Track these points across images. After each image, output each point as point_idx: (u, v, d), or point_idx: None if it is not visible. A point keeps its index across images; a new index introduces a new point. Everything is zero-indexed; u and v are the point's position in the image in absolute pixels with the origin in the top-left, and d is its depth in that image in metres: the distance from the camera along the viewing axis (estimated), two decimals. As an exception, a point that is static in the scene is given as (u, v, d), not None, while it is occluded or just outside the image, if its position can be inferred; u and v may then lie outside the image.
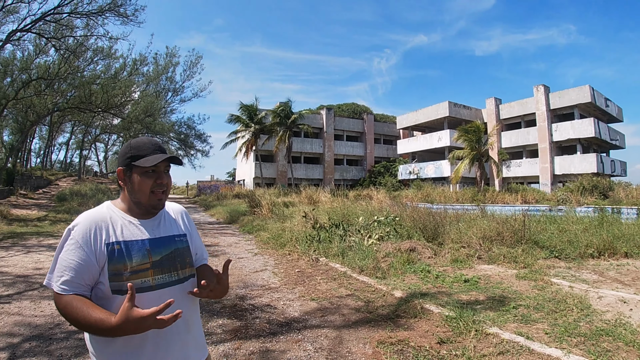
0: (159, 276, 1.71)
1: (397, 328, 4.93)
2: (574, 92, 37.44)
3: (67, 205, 24.14)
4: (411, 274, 7.75)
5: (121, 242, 1.68)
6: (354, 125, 55.89)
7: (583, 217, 12.07)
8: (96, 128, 50.17)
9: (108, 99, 30.34)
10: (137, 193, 1.76)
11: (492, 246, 9.33)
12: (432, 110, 46.83)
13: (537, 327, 4.74)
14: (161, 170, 1.78)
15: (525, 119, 42.04)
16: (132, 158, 1.75)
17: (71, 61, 27.19)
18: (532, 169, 39.75)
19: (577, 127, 36.59)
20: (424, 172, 45.27)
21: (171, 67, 43.44)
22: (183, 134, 50.82)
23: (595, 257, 8.77)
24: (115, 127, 48.35)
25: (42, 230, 15.83)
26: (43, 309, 5.88)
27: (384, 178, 47.72)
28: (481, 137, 32.59)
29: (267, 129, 43.23)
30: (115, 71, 32.91)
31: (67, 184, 34.66)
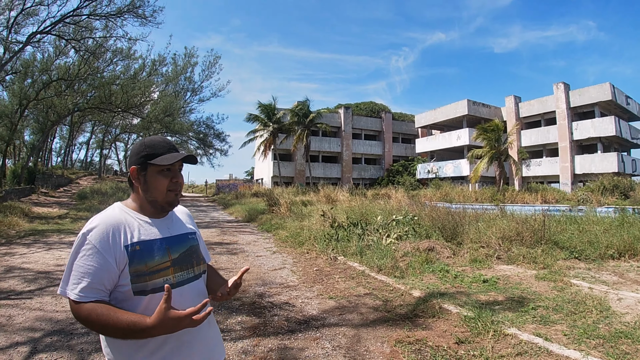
0: (179, 274, 1.73)
1: (415, 327, 4.94)
2: (594, 90, 37.00)
3: (87, 203, 24.41)
4: (429, 274, 7.74)
5: (140, 243, 1.68)
6: (372, 124, 55.77)
7: (603, 217, 11.94)
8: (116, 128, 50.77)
9: (128, 99, 30.67)
10: (153, 191, 1.77)
11: (512, 246, 9.27)
12: (451, 109, 46.57)
13: (556, 329, 4.72)
14: (176, 169, 1.80)
15: (545, 117, 41.65)
16: (147, 157, 1.76)
17: (91, 62, 27.54)
18: (552, 168, 39.36)
19: (597, 126, 36.17)
20: (442, 171, 45.05)
21: (190, 68, 43.77)
22: (202, 133, 51.14)
23: (616, 258, 8.68)
24: (135, 127, 48.78)
25: (63, 227, 16.04)
26: (64, 304, 5.97)
27: (402, 177, 47.59)
28: (500, 136, 32.34)
29: (285, 128, 43.34)
30: (134, 72, 33.20)
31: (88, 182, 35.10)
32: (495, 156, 32.18)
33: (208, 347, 1.81)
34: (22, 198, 24.69)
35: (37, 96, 27.38)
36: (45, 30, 24.68)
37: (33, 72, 28.03)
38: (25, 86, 28.08)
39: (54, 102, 30.63)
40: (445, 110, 47.59)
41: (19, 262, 9.35)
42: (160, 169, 1.75)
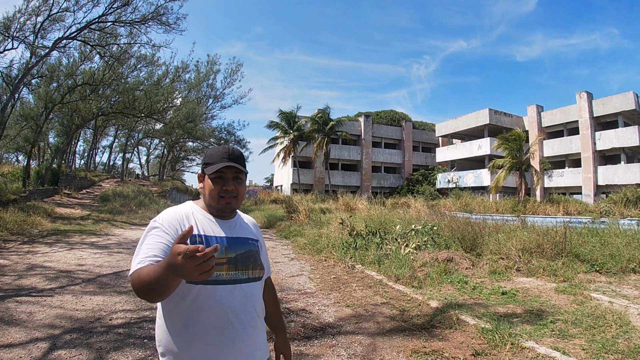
0: (233, 272, 1.79)
1: (431, 338, 4.93)
2: (618, 99, 36.53)
3: (109, 205, 24.74)
4: (448, 285, 7.71)
5: (202, 236, 1.78)
6: (392, 133, 55.63)
7: (626, 230, 11.78)
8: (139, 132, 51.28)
9: (151, 104, 31.00)
10: (208, 196, 1.89)
11: (532, 258, 9.19)
12: (472, 118, 46.33)
13: (574, 343, 4.68)
14: (228, 177, 1.86)
15: (568, 127, 41.22)
16: (205, 165, 1.89)
17: (115, 68, 27.96)
18: (575, 179, 38.89)
19: (621, 136, 35.69)
20: (463, 181, 44.79)
21: (212, 75, 44.18)
22: (223, 139, 51.45)
23: (637, 272, 8.56)
24: (157, 132, 49.25)
25: (85, 228, 16.28)
26: (84, 303, 6.09)
27: (422, 186, 47.35)
28: (522, 146, 32.05)
29: (305, 136, 43.49)
30: (157, 78, 33.61)
31: (110, 185, 35.46)
32: (517, 166, 31.89)
33: (250, 347, 1.84)
34: (46, 198, 25.05)
35: (62, 100, 27.76)
36: (71, 36, 25.07)
37: (58, 77, 28.44)
38: (51, 90, 28.52)
39: (78, 106, 31.03)
40: (466, 119, 47.37)
41: (41, 260, 9.53)
42: (212, 177, 1.85)
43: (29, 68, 25.36)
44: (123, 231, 16.58)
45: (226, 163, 1.84)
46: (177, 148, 58.19)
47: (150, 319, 5.50)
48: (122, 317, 5.53)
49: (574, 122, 39.96)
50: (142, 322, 5.36)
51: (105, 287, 7.23)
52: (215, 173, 1.84)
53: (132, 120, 38.63)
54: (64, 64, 29.19)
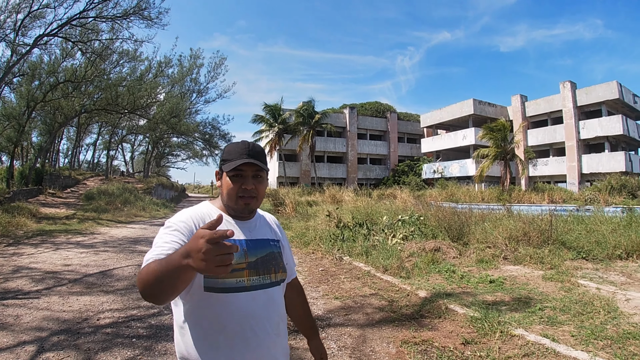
0: (254, 277, 1.68)
1: (421, 328, 4.92)
2: (601, 89, 36.83)
3: (94, 204, 24.47)
4: (435, 274, 7.73)
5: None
6: (377, 124, 55.67)
7: (611, 217, 11.87)
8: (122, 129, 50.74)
9: (134, 100, 30.76)
10: (225, 196, 1.76)
11: (518, 246, 9.24)
12: (457, 108, 46.47)
13: (563, 330, 4.69)
14: (247, 175, 1.73)
15: (552, 116, 41.46)
16: (222, 162, 1.76)
17: (97, 64, 27.62)
18: (559, 167, 39.19)
19: (604, 125, 35.98)
20: (448, 171, 44.95)
21: (195, 69, 43.86)
22: (208, 134, 51.18)
23: (624, 258, 8.63)
24: (142, 128, 48.81)
25: (71, 228, 16.12)
26: (71, 304, 6.01)
27: (408, 177, 47.52)
28: (507, 135, 32.19)
29: (290, 129, 43.37)
30: (140, 73, 33.29)
31: (95, 183, 35.07)
32: (501, 156, 32.05)
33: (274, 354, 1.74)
34: (30, 199, 24.74)
35: (45, 98, 27.43)
36: (52, 33, 24.72)
37: (40, 75, 28.10)
38: (33, 88, 28.15)
39: (61, 103, 30.66)
40: (450, 110, 47.50)
41: (27, 262, 9.41)
42: (231, 174, 1.73)
43: (10, 66, 24.98)
44: (109, 229, 16.42)
45: (245, 160, 1.71)
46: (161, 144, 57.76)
47: (137, 318, 5.45)
48: (109, 317, 5.47)
49: (557, 112, 40.20)
50: (129, 321, 5.30)
51: (92, 287, 7.15)
52: (233, 171, 1.71)
53: (115, 116, 38.35)
54: (46, 62, 28.81)
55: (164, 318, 5.40)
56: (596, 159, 36.67)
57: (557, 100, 40.18)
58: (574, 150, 37.66)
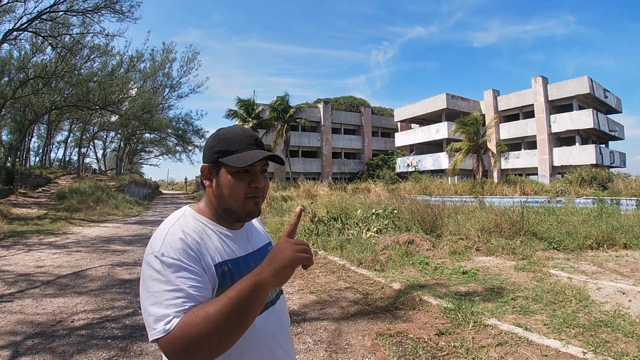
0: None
1: (395, 320, 4.93)
2: (573, 83, 37.33)
3: (66, 203, 24.10)
4: (409, 266, 7.76)
5: (228, 262, 1.35)
6: (352, 119, 55.71)
7: (582, 208, 12.06)
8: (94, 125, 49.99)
9: (105, 96, 30.25)
10: (227, 198, 1.40)
11: (491, 238, 9.33)
12: (430, 103, 46.69)
13: (536, 318, 4.74)
14: (257, 171, 1.42)
15: (524, 110, 41.93)
16: (221, 153, 1.40)
17: (68, 59, 27.13)
18: (531, 160, 39.67)
19: (575, 119, 36.49)
20: (422, 164, 45.21)
21: (168, 64, 43.51)
22: (181, 129, 50.83)
23: (594, 248, 8.77)
24: (113, 124, 48.09)
25: (43, 228, 15.84)
26: (45, 306, 5.90)
27: (382, 171, 47.64)
28: (479, 129, 32.52)
29: (264, 124, 43.16)
30: (112, 68, 32.73)
31: (66, 181, 34.49)
32: (474, 149, 32.36)
33: None
34: (1, 199, 24.30)
35: (14, 94, 26.83)
36: (22, 27, 24.19)
37: (10, 70, 27.50)
38: (2, 85, 27.51)
39: (31, 100, 30.03)
40: (424, 104, 47.71)
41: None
42: (235, 170, 1.38)
43: (-22, 63, 24.50)
44: (81, 229, 16.17)
45: (264, 153, 1.41)
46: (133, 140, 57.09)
47: (112, 319, 5.36)
48: (83, 318, 5.37)
49: (529, 106, 40.64)
50: (104, 322, 5.22)
51: (65, 288, 7.02)
52: (242, 167, 1.36)
53: (86, 113, 37.67)
54: (15, 57, 28.24)
55: (138, 318, 5.33)
56: (567, 152, 37.19)
57: (528, 94, 40.61)
58: (545, 144, 38.13)
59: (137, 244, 11.96)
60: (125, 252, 10.72)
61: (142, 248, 11.16)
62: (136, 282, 7.28)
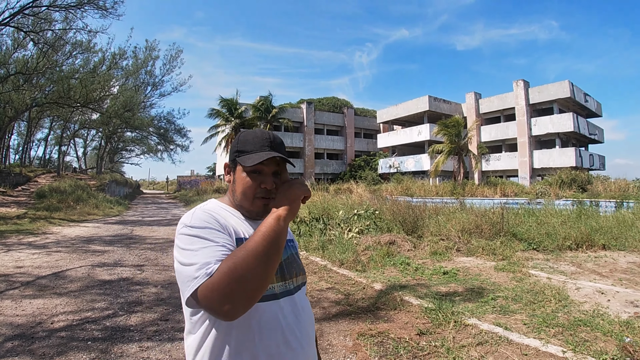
0: (280, 283, 1.48)
1: (377, 320, 4.93)
2: (554, 87, 37.72)
3: (46, 202, 23.78)
4: (391, 267, 7.77)
5: (244, 239, 1.41)
6: (335, 119, 55.77)
7: (561, 210, 12.19)
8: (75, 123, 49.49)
9: (87, 93, 29.91)
10: (239, 195, 1.51)
11: (471, 239, 9.41)
12: (412, 105, 46.84)
13: (516, 318, 4.77)
14: (268, 172, 1.48)
15: (505, 113, 42.29)
16: (237, 153, 1.52)
17: (50, 55, 26.79)
18: (511, 162, 40.01)
19: (556, 122, 36.89)
20: (404, 165, 45.36)
21: (151, 61, 43.16)
22: (162, 128, 50.49)
23: (573, 249, 8.88)
24: (94, 122, 47.67)
25: (22, 228, 15.61)
26: (24, 307, 5.80)
27: (364, 172, 47.72)
28: (461, 131, 32.75)
29: (247, 123, 43.04)
30: (94, 65, 32.35)
31: (47, 180, 34.09)
32: (455, 151, 32.58)
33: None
34: (-22, 198, 23.96)
35: (-5, 91, 26.56)
36: (4, 22, 23.86)
37: (-10, 66, 27.16)
38: (-18, 80, 27.22)
39: (11, 97, 29.62)
40: (406, 106, 47.87)
41: (-25, 265, 9.06)
42: (248, 170, 1.48)
43: (-41, 57, 24.13)
44: (61, 228, 15.97)
45: (271, 153, 1.47)
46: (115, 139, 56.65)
47: (92, 320, 5.29)
48: (63, 320, 5.29)
49: (510, 109, 40.99)
50: (84, 324, 5.14)
51: (45, 289, 6.91)
52: (254, 166, 1.46)
53: (67, 110, 37.29)
54: (-4, 52, 27.92)
55: (119, 319, 5.26)
56: (547, 154, 37.58)
57: (510, 98, 40.96)
58: (526, 146, 38.48)
59: (118, 244, 11.84)
60: (106, 252, 10.59)
61: (123, 248, 11.07)
62: (116, 283, 7.22)
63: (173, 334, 4.73)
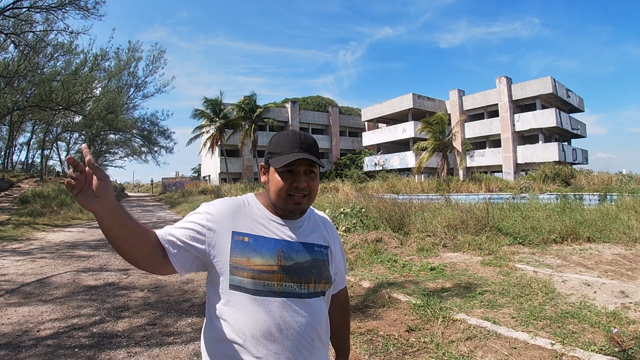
0: (287, 283, 1.50)
1: (366, 318, 4.92)
2: (536, 84, 38.04)
3: (29, 207, 23.50)
4: (378, 264, 7.77)
5: (250, 235, 1.51)
6: (319, 118, 55.82)
7: (546, 204, 12.28)
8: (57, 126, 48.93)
9: (69, 95, 29.57)
10: (273, 194, 1.56)
11: (457, 234, 9.44)
12: (397, 102, 47.00)
13: (504, 312, 4.78)
14: (299, 171, 1.53)
15: (488, 109, 42.57)
16: (270, 155, 1.58)
17: (31, 57, 26.43)
18: (495, 158, 40.29)
19: (538, 118, 37.19)
20: (389, 163, 45.50)
21: (133, 62, 42.65)
22: (146, 130, 50.04)
23: (559, 242, 8.94)
24: (77, 125, 47.16)
25: (5, 234, 15.41)
26: (10, 316, 5.70)
27: (350, 170, 47.78)
28: (445, 128, 32.91)
29: (232, 124, 42.89)
30: (75, 67, 31.90)
31: (29, 185, 33.71)
32: (440, 148, 32.73)
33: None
34: (-41, 204, 23.64)
35: (-25, 95, 26.19)
36: (-17, 25, 23.62)
37: (-30, 70, 26.78)
38: (-37, 84, 26.85)
39: (-8, 101, 29.36)
40: (391, 104, 48.01)
41: (-41, 273, 8.92)
42: (279, 170, 1.53)
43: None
44: (45, 234, 15.79)
45: (298, 155, 1.51)
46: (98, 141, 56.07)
47: (79, 327, 5.22)
48: (50, 328, 5.22)
49: (494, 105, 41.29)
50: (71, 331, 5.07)
51: (30, 297, 6.81)
52: (284, 166, 1.51)
53: (49, 113, 36.85)
54: (-23, 55, 27.53)
55: (106, 325, 5.20)
56: (531, 149, 37.89)
57: (493, 94, 41.24)
58: (510, 142, 38.76)
59: (103, 249, 11.71)
60: (91, 257, 10.47)
61: (108, 253, 10.94)
62: (102, 289, 7.15)
63: (161, 338, 4.67)
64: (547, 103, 39.64)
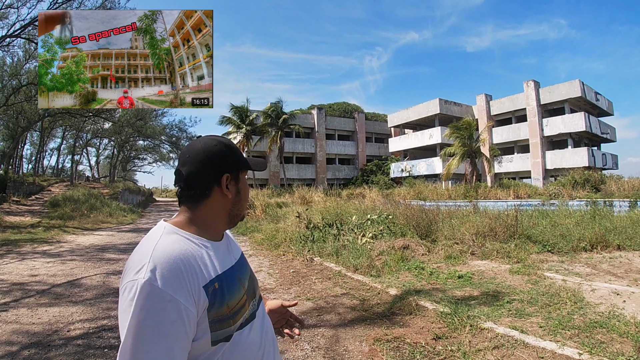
0: (251, 305, 1.40)
1: (392, 325, 4.94)
2: (564, 87, 37.55)
3: (60, 211, 23.94)
4: (405, 272, 7.78)
5: (218, 277, 1.26)
6: (346, 124, 55.82)
7: (575, 211, 12.14)
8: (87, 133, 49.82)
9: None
10: (244, 202, 1.45)
11: (485, 242, 9.38)
12: (423, 108, 46.82)
13: (531, 321, 4.77)
14: None
15: (516, 114, 42.10)
16: (240, 161, 1.44)
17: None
18: (524, 164, 39.81)
19: (567, 122, 36.70)
20: (415, 169, 45.30)
21: (162, 70, 43.22)
22: (174, 136, 50.56)
23: (588, 250, 8.83)
24: (107, 132, 47.98)
25: (36, 236, 15.74)
26: (40, 316, 5.85)
27: (376, 176, 47.74)
28: (472, 134, 32.64)
29: (258, 130, 43.11)
30: (106, 75, 32.52)
31: (60, 189, 34.28)
32: (467, 153, 32.47)
33: None
34: (-7, 207, 24.14)
35: (7, 102, 26.77)
36: (15, 34, 24.05)
37: (3, 77, 27.43)
38: (-5, 92, 27.52)
39: (24, 107, 29.96)
40: (417, 110, 47.85)
41: (-8, 273, 9.15)
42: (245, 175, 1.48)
43: (-29, 70, 24.39)
44: (75, 237, 16.09)
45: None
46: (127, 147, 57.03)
47: (108, 328, 5.33)
48: (79, 328, 5.34)
49: (522, 110, 40.84)
50: (100, 332, 5.18)
51: (61, 298, 6.97)
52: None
53: (79, 120, 37.55)
54: (8, 64, 28.19)
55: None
56: (560, 155, 37.37)
57: (521, 98, 40.81)
58: (538, 147, 38.30)
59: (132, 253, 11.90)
60: (120, 260, 10.65)
61: (138, 256, 11.10)
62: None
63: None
64: (576, 107, 39.06)
